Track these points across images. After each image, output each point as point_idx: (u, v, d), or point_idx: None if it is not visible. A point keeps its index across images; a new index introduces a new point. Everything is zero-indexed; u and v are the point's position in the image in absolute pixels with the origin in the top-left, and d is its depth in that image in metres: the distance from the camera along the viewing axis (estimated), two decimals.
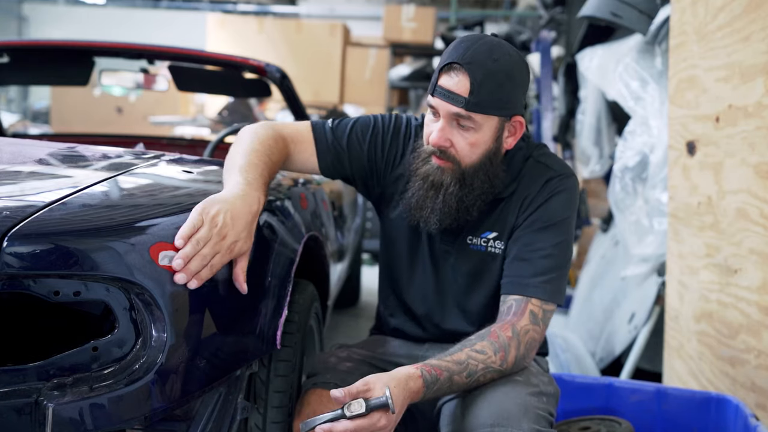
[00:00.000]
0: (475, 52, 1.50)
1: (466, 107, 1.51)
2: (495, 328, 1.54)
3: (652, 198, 2.82)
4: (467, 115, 1.52)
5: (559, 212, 1.62)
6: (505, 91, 1.53)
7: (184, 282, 1.23)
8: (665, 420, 2.06)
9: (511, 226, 1.64)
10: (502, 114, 1.55)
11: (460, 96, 1.50)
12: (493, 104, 1.52)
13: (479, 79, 1.49)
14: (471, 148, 1.55)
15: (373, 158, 1.73)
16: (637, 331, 2.94)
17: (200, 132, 6.74)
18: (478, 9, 12.74)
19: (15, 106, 12.61)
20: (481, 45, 1.52)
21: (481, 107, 1.51)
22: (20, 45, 2.81)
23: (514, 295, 1.59)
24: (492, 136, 1.56)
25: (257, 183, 1.45)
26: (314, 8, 13.37)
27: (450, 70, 1.52)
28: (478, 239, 1.67)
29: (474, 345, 1.50)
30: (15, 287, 1.19)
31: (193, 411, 1.37)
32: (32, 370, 1.20)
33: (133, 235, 1.23)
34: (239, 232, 1.32)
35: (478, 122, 1.53)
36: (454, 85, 1.51)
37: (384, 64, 7.53)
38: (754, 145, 1.94)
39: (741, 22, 2.00)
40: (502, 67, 1.51)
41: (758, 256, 1.95)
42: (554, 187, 1.62)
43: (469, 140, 1.55)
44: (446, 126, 1.55)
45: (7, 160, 1.54)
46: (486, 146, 1.56)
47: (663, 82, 2.90)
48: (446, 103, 1.52)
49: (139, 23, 13.54)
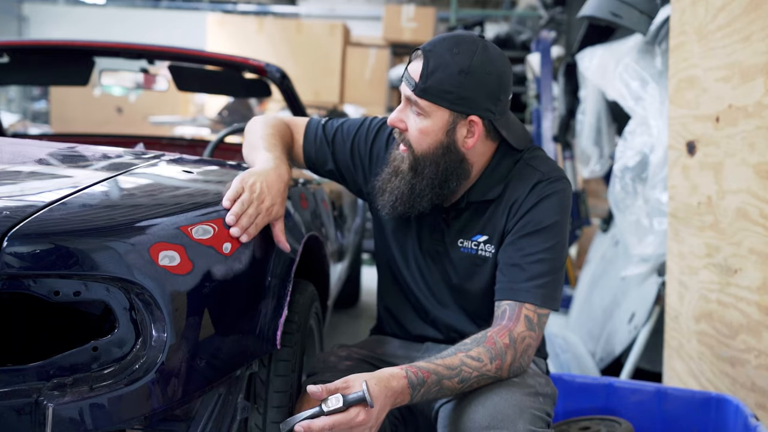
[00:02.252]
0: (440, 42, 1.55)
1: (415, 91, 1.54)
2: (492, 333, 1.52)
3: (652, 198, 2.82)
4: (415, 100, 1.55)
5: (548, 216, 1.60)
6: (456, 85, 1.52)
7: (239, 235, 1.39)
8: (665, 420, 2.06)
9: (501, 230, 1.64)
10: (452, 108, 1.54)
11: (413, 80, 1.55)
12: (441, 95, 1.53)
13: (431, 67, 1.52)
14: (420, 135, 1.58)
15: (358, 154, 1.78)
16: (637, 331, 2.94)
17: (200, 132, 6.74)
18: (478, 9, 12.73)
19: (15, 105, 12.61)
20: (451, 38, 1.55)
21: (428, 94, 1.53)
22: (20, 45, 2.81)
23: (507, 301, 1.58)
24: (442, 128, 1.57)
25: (283, 157, 1.63)
26: (314, 8, 13.37)
27: (414, 56, 1.58)
28: (468, 242, 1.67)
29: (469, 350, 1.49)
30: (15, 287, 1.19)
31: (193, 411, 1.37)
32: (32, 370, 1.20)
33: (133, 235, 1.23)
34: (275, 197, 1.48)
35: (425, 110, 1.55)
36: (411, 69, 1.57)
37: (384, 64, 7.53)
38: (754, 145, 1.94)
39: (741, 22, 2.00)
40: (460, 61, 1.52)
41: (758, 256, 1.95)
42: (542, 191, 1.61)
43: (418, 126, 1.58)
44: (404, 108, 1.60)
45: (7, 160, 1.54)
46: (435, 137, 1.57)
47: (663, 82, 2.90)
48: (403, 86, 1.58)
49: (139, 23, 13.53)
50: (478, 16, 9.59)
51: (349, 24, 8.01)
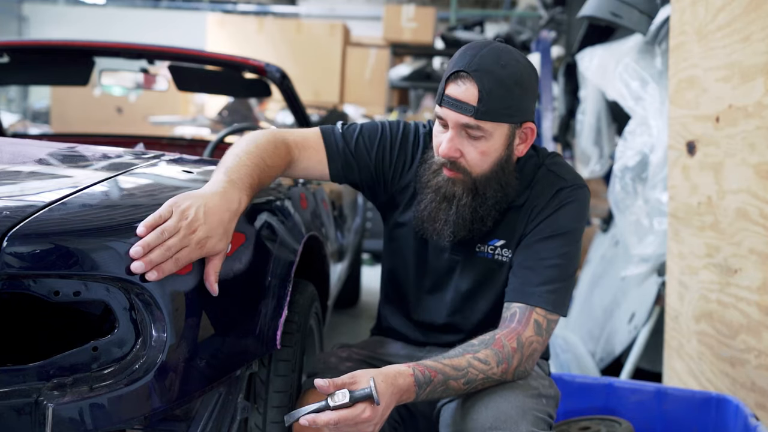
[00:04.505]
0: (482, 59, 1.48)
1: (476, 116, 1.47)
2: (500, 335, 1.51)
3: (652, 198, 2.82)
4: (476, 125, 1.49)
5: (567, 222, 1.59)
6: (515, 98, 1.49)
7: (142, 272, 1.18)
8: (665, 420, 2.05)
9: (519, 234, 1.62)
10: (512, 121, 1.52)
11: (469, 104, 1.47)
12: (503, 111, 1.49)
13: (487, 87, 1.46)
14: (481, 158, 1.53)
15: (380, 166, 1.70)
16: (637, 331, 2.94)
17: (200, 132, 6.74)
18: (478, 9, 12.73)
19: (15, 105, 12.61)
20: (488, 51, 1.49)
21: (491, 115, 1.48)
22: (20, 45, 2.81)
23: (518, 303, 1.56)
24: (503, 143, 1.53)
25: (242, 183, 1.39)
26: (314, 8, 13.37)
27: (457, 79, 1.49)
28: (485, 246, 1.64)
29: (477, 352, 1.48)
30: (15, 287, 1.19)
31: (193, 411, 1.37)
32: (32, 370, 1.20)
33: (133, 235, 1.23)
34: (212, 229, 1.26)
35: (488, 131, 1.50)
36: (461, 94, 1.48)
37: (384, 64, 7.53)
38: (754, 145, 1.94)
39: (741, 23, 2.00)
40: (511, 73, 1.48)
41: (758, 256, 1.95)
42: (565, 197, 1.60)
43: (479, 149, 1.52)
44: (455, 136, 1.52)
45: (7, 160, 1.54)
46: (497, 154, 1.54)
47: (663, 82, 2.90)
48: (455, 113, 1.49)
49: (139, 23, 13.53)
50: (478, 16, 9.59)
51: (349, 24, 8.01)
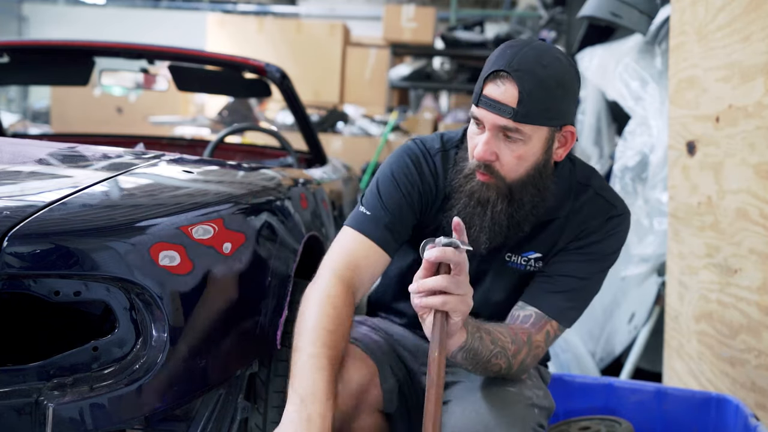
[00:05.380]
0: (522, 58, 1.39)
1: (515, 118, 1.39)
2: (514, 327, 1.50)
3: (652, 198, 2.82)
4: (515, 127, 1.40)
5: (612, 249, 1.57)
6: (556, 100, 1.41)
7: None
8: (665, 420, 2.05)
9: (558, 249, 1.57)
10: (552, 124, 1.44)
11: (508, 106, 1.39)
12: (544, 114, 1.41)
13: (528, 88, 1.38)
14: (517, 162, 1.45)
15: (417, 211, 1.59)
16: (637, 331, 2.94)
17: (200, 132, 6.74)
18: (478, 9, 12.73)
19: (15, 105, 12.61)
20: (528, 50, 1.41)
21: (531, 118, 1.40)
22: (20, 45, 2.81)
23: (536, 309, 1.53)
24: (541, 147, 1.45)
25: (320, 406, 1.33)
26: (314, 8, 13.37)
27: (496, 78, 1.41)
28: (517, 257, 1.58)
29: (497, 326, 1.47)
30: (15, 287, 1.19)
31: (193, 411, 1.37)
32: (32, 370, 1.20)
33: (133, 235, 1.23)
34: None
35: (527, 134, 1.42)
36: (500, 95, 1.40)
37: (384, 64, 7.52)
38: (754, 145, 1.94)
39: (741, 23, 2.00)
40: (553, 74, 1.40)
41: (758, 256, 1.94)
42: (615, 226, 1.56)
43: (516, 153, 1.44)
44: (492, 138, 1.43)
45: (7, 160, 1.54)
46: (534, 158, 1.46)
47: (663, 82, 2.90)
48: (493, 114, 1.41)
49: (139, 23, 13.53)
50: (478, 16, 9.59)
51: (349, 24, 8.01)
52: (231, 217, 1.45)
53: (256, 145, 3.78)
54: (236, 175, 1.75)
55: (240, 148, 3.62)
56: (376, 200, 1.57)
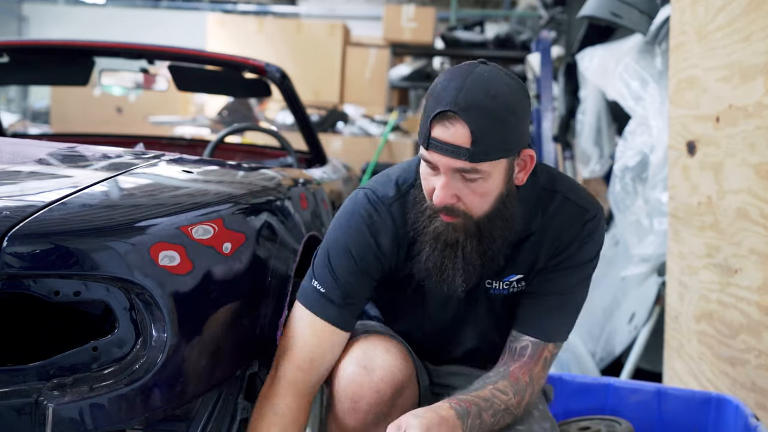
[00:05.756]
0: (468, 93, 1.30)
1: (471, 159, 1.31)
2: (514, 368, 1.47)
3: (652, 198, 2.82)
4: (472, 168, 1.33)
5: (592, 253, 1.52)
6: (511, 129, 1.33)
7: None
8: (665, 420, 2.05)
9: (539, 266, 1.51)
10: (510, 154, 1.36)
11: (462, 147, 1.30)
12: (500, 147, 1.33)
13: (480, 125, 1.29)
14: (481, 199, 1.38)
15: (376, 273, 1.51)
16: (637, 331, 2.94)
17: (200, 132, 6.74)
18: (478, 9, 12.73)
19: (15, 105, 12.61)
20: (472, 82, 1.31)
21: (488, 155, 1.32)
22: (20, 45, 2.81)
23: (531, 337, 1.50)
24: (502, 179, 1.38)
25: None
26: (314, 8, 13.36)
27: (444, 120, 1.31)
28: (499, 283, 1.53)
29: (496, 383, 1.43)
30: (15, 287, 1.19)
31: (193, 411, 1.37)
32: (32, 370, 1.20)
33: (133, 235, 1.23)
34: None
35: (486, 171, 1.34)
36: (451, 137, 1.30)
37: (384, 64, 7.52)
38: (755, 145, 1.94)
39: (741, 22, 2.00)
40: (503, 103, 1.31)
41: (758, 256, 1.94)
42: (591, 231, 1.50)
43: (478, 192, 1.36)
44: (449, 181, 1.35)
45: (7, 160, 1.54)
46: (497, 192, 1.39)
47: (663, 82, 2.90)
48: (447, 158, 1.32)
49: (139, 23, 13.52)
50: (478, 16, 9.59)
51: (349, 24, 8.00)
52: (231, 217, 1.45)
53: (256, 145, 3.78)
54: (236, 175, 1.75)
55: (240, 148, 3.63)
56: (328, 274, 1.47)
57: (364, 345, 1.50)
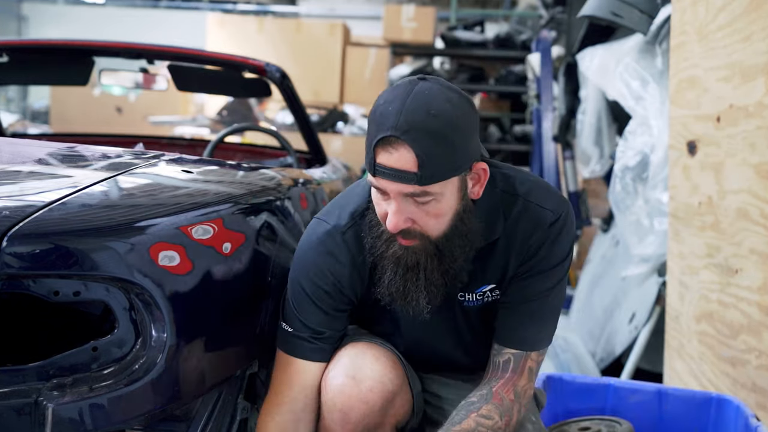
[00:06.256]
0: (408, 115, 1.26)
1: (420, 182, 1.27)
2: (497, 388, 1.45)
3: (652, 198, 2.82)
4: (422, 191, 1.29)
5: (562, 254, 1.47)
6: (457, 147, 1.29)
7: None
8: (666, 420, 2.05)
9: (510, 274, 1.48)
10: (461, 172, 1.32)
11: (409, 172, 1.26)
12: (449, 167, 1.29)
13: (425, 148, 1.25)
14: (437, 220, 1.34)
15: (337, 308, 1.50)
16: (637, 332, 2.94)
17: (200, 132, 6.74)
18: (478, 9, 12.73)
19: (14, 105, 12.61)
20: (412, 102, 1.27)
21: (436, 176, 1.28)
22: (20, 45, 2.81)
23: (511, 350, 1.48)
24: (456, 197, 1.35)
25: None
26: (314, 8, 13.36)
27: (387, 145, 1.27)
28: (472, 295, 1.50)
29: (480, 409, 1.41)
30: (15, 287, 1.19)
31: (193, 411, 1.37)
32: (32, 370, 1.20)
33: (133, 235, 1.23)
34: None
35: (438, 192, 1.30)
36: (396, 162, 1.26)
37: (384, 63, 7.52)
38: (755, 145, 1.94)
39: (742, 22, 2.00)
40: (446, 121, 1.27)
41: (759, 256, 1.94)
42: (557, 231, 1.45)
43: (431, 213, 1.33)
44: (401, 206, 1.31)
45: (7, 160, 1.53)
46: (452, 211, 1.35)
47: (664, 81, 2.90)
48: (395, 183, 1.28)
49: (139, 23, 13.52)
50: (478, 16, 9.58)
51: (349, 24, 8.01)
52: (231, 217, 1.44)
53: (256, 145, 3.78)
54: (236, 175, 1.75)
55: (240, 148, 3.62)
56: (292, 312, 1.48)
57: (352, 353, 1.48)
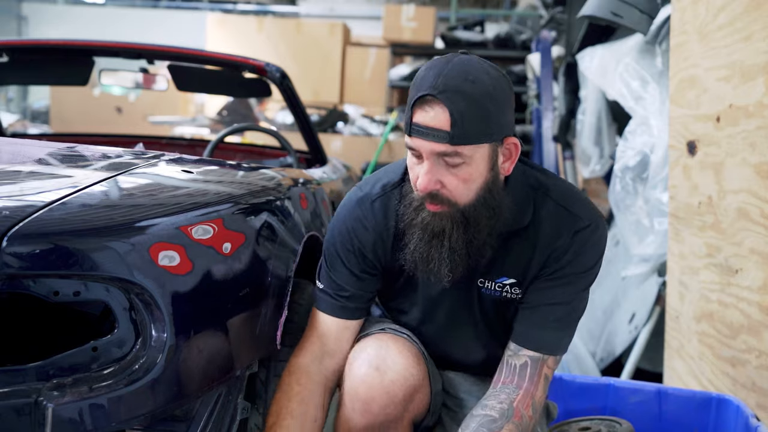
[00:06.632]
0: (447, 78, 1.32)
1: (452, 142, 1.32)
2: (518, 403, 1.45)
3: (652, 198, 2.82)
4: (454, 151, 1.33)
5: (587, 265, 1.49)
6: (491, 114, 1.34)
7: None
8: (666, 420, 2.05)
9: (532, 275, 1.50)
10: (492, 140, 1.36)
11: (442, 131, 1.32)
12: (480, 132, 1.33)
13: (459, 108, 1.31)
14: (465, 185, 1.38)
15: (371, 267, 1.56)
16: (637, 332, 2.94)
17: (200, 132, 6.74)
18: (478, 8, 12.73)
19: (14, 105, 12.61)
20: (452, 68, 1.33)
21: (468, 138, 1.32)
22: (20, 45, 2.81)
23: (530, 351, 1.49)
24: (486, 166, 1.38)
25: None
26: (314, 8, 13.37)
27: (423, 104, 1.33)
28: (491, 283, 1.52)
29: (501, 429, 1.40)
30: (15, 287, 1.19)
31: (193, 411, 1.37)
32: (32, 371, 1.20)
33: (132, 235, 1.23)
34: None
35: (468, 155, 1.34)
36: (431, 120, 1.32)
37: (384, 63, 7.53)
38: (755, 145, 1.94)
39: (742, 22, 2.00)
40: (482, 89, 1.32)
41: (759, 256, 1.94)
42: (585, 239, 1.47)
43: (461, 177, 1.37)
44: (432, 167, 1.36)
45: (7, 160, 1.53)
46: (481, 179, 1.38)
47: (663, 81, 2.90)
48: (428, 142, 1.33)
49: (139, 22, 13.53)
50: (478, 16, 9.59)
51: (349, 24, 8.01)
52: (231, 217, 1.44)
53: (256, 145, 3.78)
54: (236, 175, 1.75)
55: (240, 148, 3.62)
56: (325, 272, 1.58)
57: (377, 345, 1.52)
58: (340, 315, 1.56)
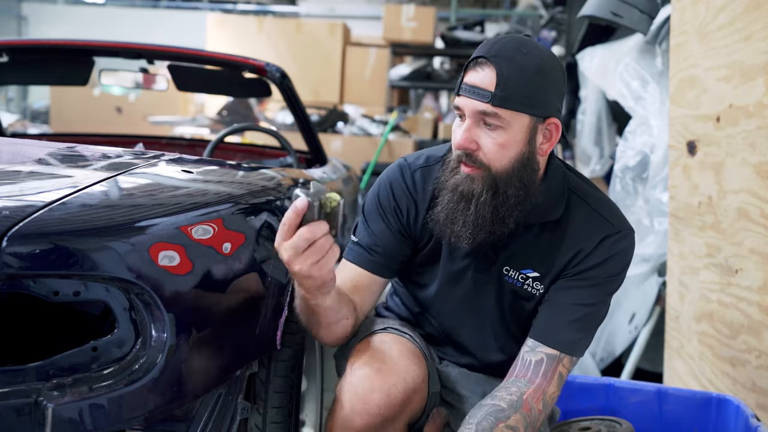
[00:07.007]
0: (502, 46, 1.41)
1: (493, 102, 1.38)
2: (528, 396, 1.46)
3: (652, 198, 2.82)
4: (494, 112, 1.39)
5: (613, 272, 1.52)
6: (536, 87, 1.40)
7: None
8: (666, 420, 2.05)
9: (556, 273, 1.53)
10: (533, 113, 1.42)
11: (486, 90, 1.39)
12: (523, 100, 1.39)
13: (506, 72, 1.38)
14: (500, 150, 1.42)
15: (405, 230, 1.60)
16: (637, 332, 2.94)
17: (200, 132, 6.74)
18: (478, 8, 12.73)
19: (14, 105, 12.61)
20: (510, 40, 1.43)
21: (509, 102, 1.38)
22: (20, 45, 2.81)
23: (547, 347, 1.50)
24: (523, 137, 1.43)
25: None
26: (314, 8, 13.37)
27: (476, 66, 1.42)
28: (515, 273, 1.55)
29: (508, 419, 1.41)
30: (15, 287, 1.19)
31: (193, 411, 1.37)
32: (32, 371, 1.20)
33: (132, 235, 1.23)
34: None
35: (507, 120, 1.40)
36: (479, 80, 1.40)
37: (384, 63, 7.52)
38: (755, 145, 1.94)
39: (742, 22, 2.00)
40: (533, 61, 1.40)
41: (759, 256, 1.94)
42: (612, 248, 1.51)
43: (497, 140, 1.41)
44: (472, 126, 1.42)
45: (7, 160, 1.53)
46: (517, 149, 1.43)
47: (663, 81, 2.90)
48: (471, 100, 1.41)
49: (139, 23, 13.53)
50: (478, 16, 9.59)
51: (349, 24, 8.00)
52: (231, 217, 1.44)
53: (256, 145, 3.78)
54: (236, 175, 1.75)
55: (240, 148, 3.62)
56: (363, 225, 1.62)
57: (378, 345, 1.52)
58: (368, 267, 1.59)
